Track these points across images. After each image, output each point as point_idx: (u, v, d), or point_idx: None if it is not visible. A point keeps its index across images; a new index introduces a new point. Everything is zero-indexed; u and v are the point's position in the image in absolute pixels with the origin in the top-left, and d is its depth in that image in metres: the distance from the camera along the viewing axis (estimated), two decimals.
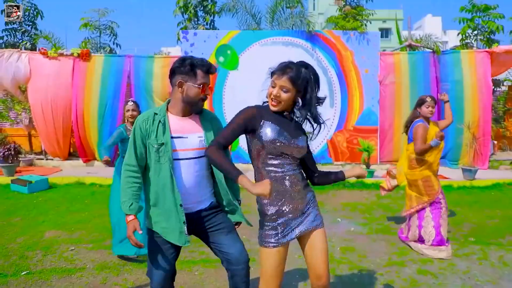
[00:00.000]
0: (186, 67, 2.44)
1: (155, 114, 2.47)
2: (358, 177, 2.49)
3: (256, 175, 2.38)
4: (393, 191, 5.47)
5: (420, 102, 4.51)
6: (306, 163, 2.50)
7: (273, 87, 2.28)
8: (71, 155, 11.35)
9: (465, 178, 8.53)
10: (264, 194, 2.01)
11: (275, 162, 2.30)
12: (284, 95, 2.26)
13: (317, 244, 2.37)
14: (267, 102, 2.34)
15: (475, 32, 11.51)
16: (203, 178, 2.54)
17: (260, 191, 2.02)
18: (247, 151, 2.48)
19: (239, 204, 2.69)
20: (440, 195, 4.50)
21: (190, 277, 3.74)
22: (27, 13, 12.72)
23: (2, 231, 5.16)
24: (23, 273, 3.81)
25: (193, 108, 2.52)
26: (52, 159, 11.07)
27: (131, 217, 2.39)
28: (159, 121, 2.44)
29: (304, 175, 2.47)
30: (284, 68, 2.26)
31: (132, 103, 4.59)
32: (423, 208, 4.51)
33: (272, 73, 2.30)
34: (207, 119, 2.60)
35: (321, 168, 2.73)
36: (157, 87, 10.44)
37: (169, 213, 2.43)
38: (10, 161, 8.84)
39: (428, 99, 4.47)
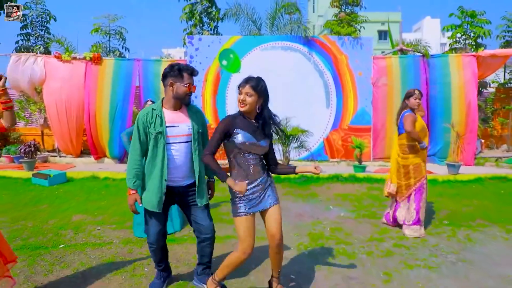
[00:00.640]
0: (175, 71, 3.20)
1: (153, 109, 3.24)
2: (312, 173, 3.22)
3: (229, 163, 3.18)
4: (381, 185, 6.15)
5: (409, 95, 5.16)
6: (268, 157, 3.28)
7: (240, 94, 3.06)
8: (82, 153, 12.05)
9: (449, 173, 9.23)
10: (242, 191, 2.87)
11: (244, 156, 3.10)
12: (248, 99, 3.02)
13: (272, 215, 3.16)
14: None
15: (464, 37, 12.20)
16: (189, 158, 3.31)
17: (239, 189, 2.87)
18: None
19: (214, 182, 3.59)
20: (424, 181, 5.18)
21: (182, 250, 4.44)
22: (39, 18, 13.40)
23: (33, 215, 5.87)
24: (61, 246, 4.52)
25: (182, 102, 3.29)
26: (65, 156, 11.76)
27: (133, 191, 3.22)
28: (157, 114, 3.21)
29: (265, 166, 3.26)
30: (247, 80, 3.05)
31: (151, 102, 5.36)
32: (411, 194, 5.18)
33: (239, 86, 3.08)
34: (193, 112, 3.38)
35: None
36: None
37: (155, 188, 3.21)
38: (30, 157, 9.56)
39: (416, 92, 5.12)
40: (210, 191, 3.53)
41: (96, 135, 11.30)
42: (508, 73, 13.20)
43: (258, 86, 3.02)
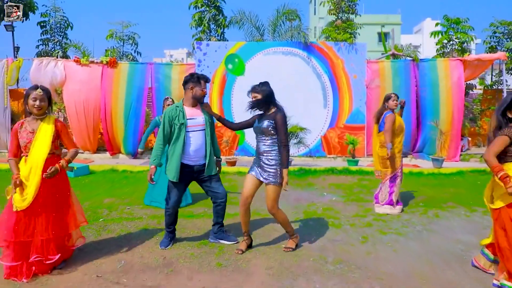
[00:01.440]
0: (195, 79, 4.37)
1: (177, 107, 4.34)
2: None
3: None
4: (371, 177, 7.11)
5: (387, 98, 6.16)
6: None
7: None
8: (98, 149, 13.05)
9: (434, 167, 10.22)
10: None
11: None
12: (254, 99, 4.21)
13: (267, 191, 4.20)
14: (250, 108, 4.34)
15: (451, 42, 13.17)
16: (203, 143, 4.40)
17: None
18: (252, 146, 4.35)
19: (220, 161, 4.66)
20: (399, 171, 6.16)
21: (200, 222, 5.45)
22: (58, 25, 14.45)
23: None
24: (101, 219, 5.52)
25: (198, 101, 4.41)
26: (82, 152, 12.75)
27: (153, 167, 4.30)
28: (180, 110, 4.30)
29: (273, 146, 4.24)
30: (252, 89, 4.26)
31: (171, 99, 6.40)
32: (387, 180, 6.16)
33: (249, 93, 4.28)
34: (204, 109, 4.47)
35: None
36: (175, 89, 12.13)
37: (175, 164, 4.30)
38: None
39: (393, 95, 6.14)
40: (218, 167, 4.61)
41: (112, 133, 12.30)
42: (495, 75, 14.14)
43: (257, 89, 4.26)
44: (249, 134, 11.49)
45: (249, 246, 4.42)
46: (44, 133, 3.69)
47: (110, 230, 5.00)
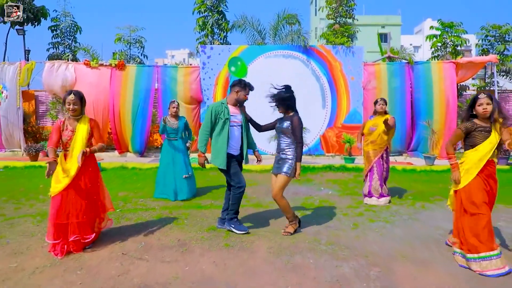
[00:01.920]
0: (242, 85, 5.03)
1: (222, 103, 4.99)
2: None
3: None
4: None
5: (375, 103, 6.84)
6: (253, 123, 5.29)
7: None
8: (106, 148, 13.64)
9: (426, 164, 10.80)
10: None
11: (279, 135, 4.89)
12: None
13: (277, 178, 4.86)
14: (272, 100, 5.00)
15: (444, 46, 13.73)
16: (239, 137, 5.04)
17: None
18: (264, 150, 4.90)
19: (258, 151, 5.40)
20: (375, 165, 6.72)
21: (208, 212, 6.05)
22: (68, 29, 15.05)
23: None
24: (118, 210, 6.10)
25: (239, 104, 5.05)
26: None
27: (202, 154, 4.94)
28: (225, 107, 4.94)
29: (290, 144, 4.89)
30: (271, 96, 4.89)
31: (176, 103, 6.99)
32: (367, 175, 6.79)
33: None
34: (241, 109, 5.11)
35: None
36: (180, 91, 12.73)
37: (220, 152, 4.90)
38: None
39: (379, 100, 6.80)
40: (258, 157, 5.38)
41: (120, 132, 12.90)
42: (487, 77, 14.70)
43: (275, 98, 4.96)
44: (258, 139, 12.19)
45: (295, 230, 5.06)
46: (81, 133, 4.31)
47: (128, 218, 5.60)
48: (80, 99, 4.38)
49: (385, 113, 6.81)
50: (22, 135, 13.12)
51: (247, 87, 5.06)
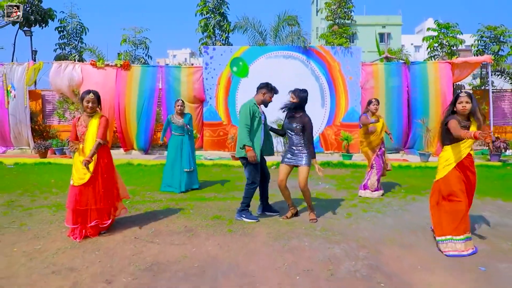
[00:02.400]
0: (269, 87, 5.53)
1: (254, 104, 5.42)
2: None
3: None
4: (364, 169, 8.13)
5: (369, 103, 7.20)
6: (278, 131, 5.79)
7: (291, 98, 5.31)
8: (112, 146, 14.05)
9: (421, 161, 11.20)
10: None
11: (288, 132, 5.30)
12: (292, 100, 5.29)
13: (300, 171, 5.25)
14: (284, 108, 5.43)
15: (441, 46, 14.13)
16: (263, 134, 5.48)
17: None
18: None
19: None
20: (374, 163, 7.12)
21: (212, 203, 6.46)
22: (75, 30, 15.49)
23: None
24: (127, 202, 6.51)
25: (264, 104, 5.52)
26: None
27: (250, 148, 5.28)
28: (257, 107, 5.38)
29: (302, 140, 5.37)
30: (293, 91, 5.28)
31: (181, 101, 7.42)
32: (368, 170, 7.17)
33: (289, 93, 5.35)
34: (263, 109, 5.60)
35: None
36: (184, 90, 13.15)
37: (257, 148, 5.34)
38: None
39: (373, 100, 7.16)
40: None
41: (125, 131, 13.32)
42: (482, 77, 15.07)
43: (296, 94, 5.41)
44: None
45: (295, 215, 5.64)
46: (93, 128, 4.72)
47: (137, 209, 6.02)
48: (98, 98, 4.79)
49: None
50: (30, 133, 13.55)
51: (273, 90, 5.55)
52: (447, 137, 4.46)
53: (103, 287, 3.39)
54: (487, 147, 12.12)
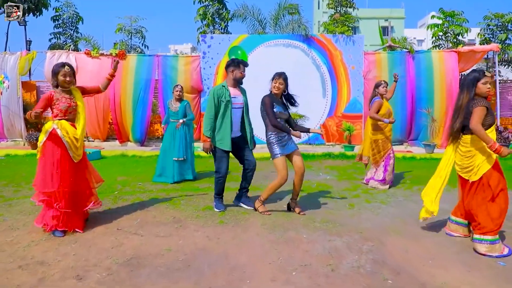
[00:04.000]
0: (235, 63, 5.04)
1: (223, 86, 4.98)
2: (319, 133, 5.12)
3: (267, 127, 4.93)
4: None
5: (378, 85, 6.78)
6: (289, 121, 5.06)
7: (275, 83, 4.86)
8: (107, 138, 13.69)
9: (426, 152, 10.79)
10: (298, 135, 4.81)
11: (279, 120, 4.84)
12: (281, 86, 4.81)
13: (297, 155, 4.91)
14: (271, 91, 4.94)
15: (447, 35, 13.69)
16: (241, 119, 5.07)
17: (296, 134, 4.86)
18: (261, 138, 4.91)
19: (253, 136, 5.28)
20: (391, 153, 6.71)
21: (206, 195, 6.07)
22: (70, 19, 15.09)
23: None
24: (116, 192, 6.15)
25: (238, 83, 5.06)
26: (93, 141, 13.41)
27: (208, 139, 4.93)
28: (226, 89, 4.94)
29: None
30: (280, 74, 4.83)
31: (180, 87, 7.08)
32: (382, 162, 6.72)
33: (274, 78, 4.89)
34: (242, 90, 5.18)
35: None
36: (181, 80, 12.69)
37: (226, 135, 4.91)
38: None
39: (383, 82, 6.74)
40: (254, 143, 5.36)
41: (121, 122, 12.92)
42: (489, 67, 14.63)
43: (286, 78, 4.93)
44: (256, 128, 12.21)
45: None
46: (82, 101, 4.41)
47: (125, 199, 5.64)
48: (74, 72, 4.41)
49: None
50: (23, 125, 13.17)
51: (241, 64, 5.06)
52: (484, 122, 3.75)
53: (72, 284, 3.01)
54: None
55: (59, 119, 4.27)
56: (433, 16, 13.64)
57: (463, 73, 13.50)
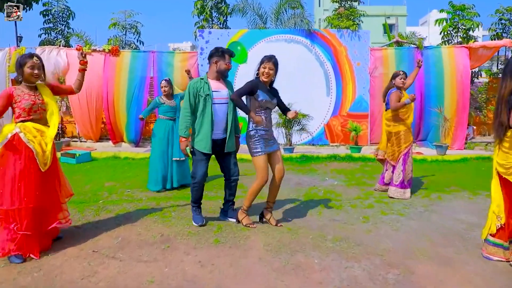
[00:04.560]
0: (219, 53, 4.37)
1: (201, 79, 4.31)
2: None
3: (248, 118, 4.28)
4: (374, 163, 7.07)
5: (395, 75, 6.11)
6: (281, 107, 4.50)
7: (264, 68, 4.15)
8: (100, 138, 13.04)
9: (438, 154, 10.13)
10: (259, 122, 4.06)
11: (262, 110, 4.21)
12: (271, 72, 4.18)
13: (277, 156, 4.38)
14: (258, 77, 4.26)
15: (456, 30, 13.00)
16: (225, 117, 4.37)
17: (258, 120, 4.04)
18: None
19: (239, 137, 4.63)
20: (411, 146, 6.05)
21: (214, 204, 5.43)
22: (61, 14, 14.41)
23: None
24: (101, 201, 5.50)
25: (222, 76, 4.39)
26: (85, 141, 12.76)
27: (184, 139, 4.29)
28: (205, 82, 4.27)
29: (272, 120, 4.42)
30: (270, 57, 4.19)
31: (164, 82, 6.49)
32: (401, 158, 6.03)
33: (263, 61, 4.23)
34: (228, 83, 4.51)
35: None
36: (177, 77, 12.05)
37: (206, 135, 4.26)
38: (57, 139, 10.58)
39: (401, 72, 6.08)
40: (236, 145, 4.61)
41: (114, 121, 12.26)
42: (501, 63, 13.97)
43: (277, 63, 4.32)
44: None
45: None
46: (51, 96, 3.79)
47: (109, 210, 4.98)
48: (43, 64, 3.77)
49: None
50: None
51: (226, 53, 4.39)
52: None
53: None
54: None
55: (23, 120, 3.61)
56: (441, 10, 12.93)
57: (473, 70, 12.88)
